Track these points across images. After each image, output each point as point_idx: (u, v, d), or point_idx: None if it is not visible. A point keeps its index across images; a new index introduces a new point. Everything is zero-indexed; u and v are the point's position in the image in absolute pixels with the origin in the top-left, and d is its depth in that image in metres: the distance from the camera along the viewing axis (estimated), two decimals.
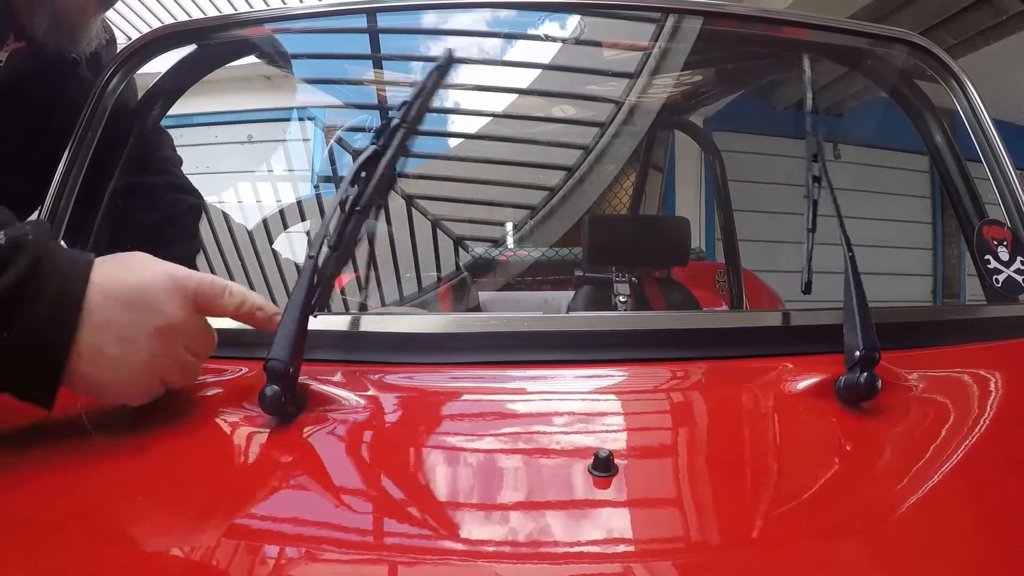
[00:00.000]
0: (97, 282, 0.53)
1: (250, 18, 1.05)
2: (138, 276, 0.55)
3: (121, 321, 0.53)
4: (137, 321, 0.54)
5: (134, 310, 0.54)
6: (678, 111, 1.83)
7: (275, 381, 0.54)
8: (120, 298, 0.53)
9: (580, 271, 1.56)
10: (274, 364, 0.54)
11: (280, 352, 0.55)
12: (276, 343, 0.55)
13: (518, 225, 2.00)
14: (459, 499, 0.49)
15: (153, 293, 0.55)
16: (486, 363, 0.66)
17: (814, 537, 0.46)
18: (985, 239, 0.87)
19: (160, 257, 0.59)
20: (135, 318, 0.54)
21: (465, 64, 1.50)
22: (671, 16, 1.23)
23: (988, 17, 3.32)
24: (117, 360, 0.54)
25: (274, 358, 0.54)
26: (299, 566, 0.43)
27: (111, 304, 0.53)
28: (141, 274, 0.55)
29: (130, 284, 0.54)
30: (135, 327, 0.54)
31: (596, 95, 1.75)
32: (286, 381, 0.55)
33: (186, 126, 2.02)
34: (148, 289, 0.54)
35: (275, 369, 0.54)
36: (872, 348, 0.58)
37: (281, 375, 0.54)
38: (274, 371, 0.54)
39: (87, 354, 0.52)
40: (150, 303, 0.54)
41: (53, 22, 0.81)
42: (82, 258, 0.55)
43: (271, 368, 0.54)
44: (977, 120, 0.92)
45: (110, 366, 0.54)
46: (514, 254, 1.99)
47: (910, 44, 0.97)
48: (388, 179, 0.69)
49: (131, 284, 0.54)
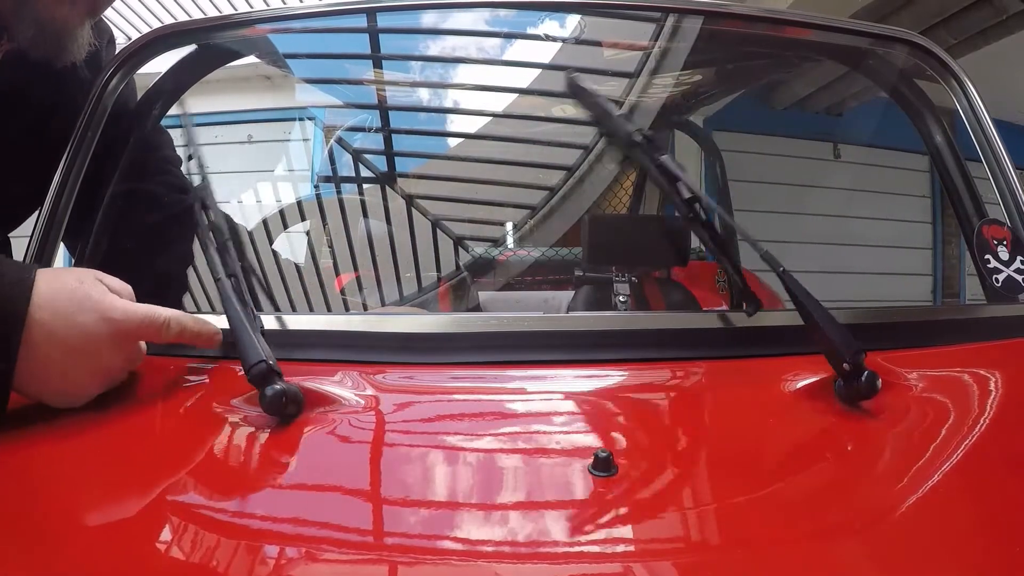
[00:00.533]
0: (43, 319, 0.56)
1: (250, 18, 1.05)
2: (82, 322, 0.57)
3: (60, 363, 0.57)
4: (77, 365, 0.58)
5: (74, 354, 0.57)
6: (678, 111, 1.83)
7: (266, 383, 0.55)
8: (61, 342, 0.57)
9: (580, 271, 1.56)
10: (259, 367, 0.55)
11: (254, 355, 0.55)
12: (243, 353, 0.57)
13: (518, 225, 2.00)
14: (459, 499, 0.49)
15: (95, 340, 0.58)
16: (486, 363, 0.66)
17: (814, 537, 0.46)
18: (985, 239, 0.87)
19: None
20: (74, 362, 0.58)
21: (465, 64, 1.50)
22: (671, 16, 1.23)
23: (988, 17, 3.32)
24: (57, 391, 0.58)
25: (254, 363, 0.55)
26: (299, 566, 0.43)
27: (52, 347, 0.56)
28: (86, 319, 0.58)
29: (73, 330, 0.57)
30: (75, 370, 0.58)
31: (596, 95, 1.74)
32: (276, 378, 0.55)
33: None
34: (90, 337, 0.58)
35: (261, 372, 0.55)
36: (856, 350, 0.58)
37: (268, 375, 0.55)
38: (260, 374, 0.55)
39: (31, 379, 0.57)
40: (93, 349, 0.58)
41: (38, 31, 0.80)
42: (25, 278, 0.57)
43: (256, 373, 0.55)
44: (977, 120, 0.92)
45: (52, 394, 0.59)
46: (514, 254, 1.99)
47: (910, 44, 0.97)
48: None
49: (74, 330, 0.57)
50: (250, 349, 0.57)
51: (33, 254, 0.81)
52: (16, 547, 0.44)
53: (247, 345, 0.57)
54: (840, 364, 0.58)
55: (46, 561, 0.43)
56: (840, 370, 0.58)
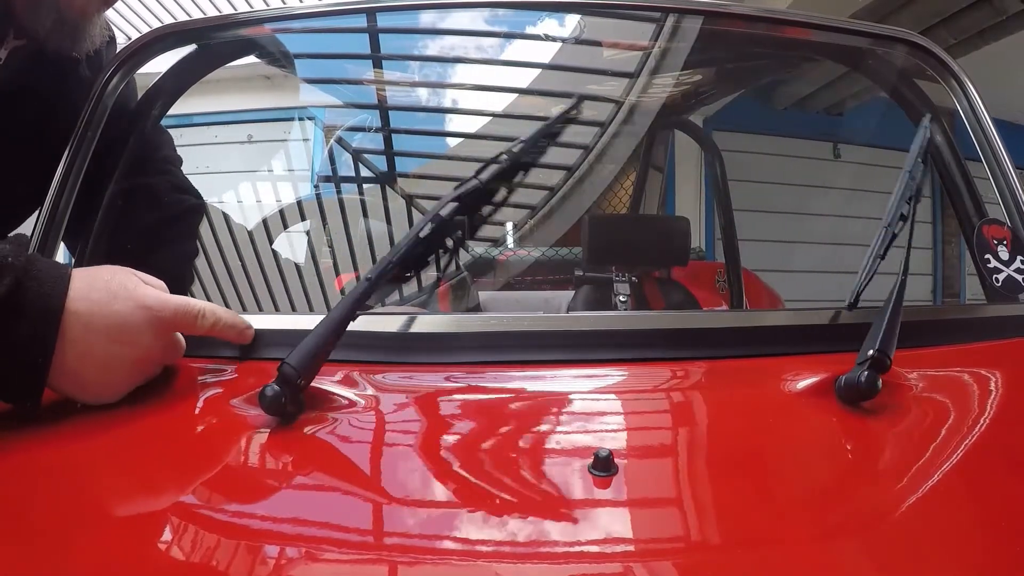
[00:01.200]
0: (79, 311, 0.56)
1: (250, 18, 1.05)
2: (118, 310, 0.58)
3: (101, 353, 0.57)
4: (118, 354, 0.58)
5: (114, 343, 0.58)
6: (678, 111, 1.83)
7: (281, 383, 0.54)
8: (100, 331, 0.57)
9: (580, 271, 1.56)
10: (287, 369, 0.55)
11: (297, 360, 0.55)
12: (298, 350, 0.56)
13: (518, 225, 2.00)
14: (459, 499, 0.49)
15: (134, 328, 0.58)
16: (486, 363, 0.66)
17: (814, 537, 0.46)
18: (985, 238, 0.87)
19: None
20: (115, 351, 0.58)
21: (465, 64, 1.50)
22: (671, 16, 1.23)
23: (988, 17, 3.32)
24: (95, 383, 0.58)
25: (289, 364, 0.55)
26: (299, 566, 0.43)
27: (92, 337, 0.57)
28: (122, 307, 0.58)
29: (110, 319, 0.57)
30: (115, 360, 0.58)
31: (596, 95, 1.74)
32: (291, 386, 0.55)
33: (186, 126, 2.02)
34: (128, 324, 0.58)
35: (286, 373, 0.55)
36: (885, 353, 0.58)
37: (289, 380, 0.55)
38: (284, 375, 0.55)
39: (69, 375, 0.57)
40: (131, 338, 0.58)
41: (57, 21, 0.81)
42: (61, 274, 0.58)
43: (284, 372, 0.55)
44: (977, 120, 0.92)
45: (88, 386, 0.58)
46: (514, 254, 1.99)
47: (910, 44, 0.97)
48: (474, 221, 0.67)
49: (111, 319, 0.57)
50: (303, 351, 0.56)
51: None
52: (17, 547, 0.44)
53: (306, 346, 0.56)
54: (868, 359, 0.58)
55: (46, 561, 0.43)
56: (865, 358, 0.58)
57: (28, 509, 0.49)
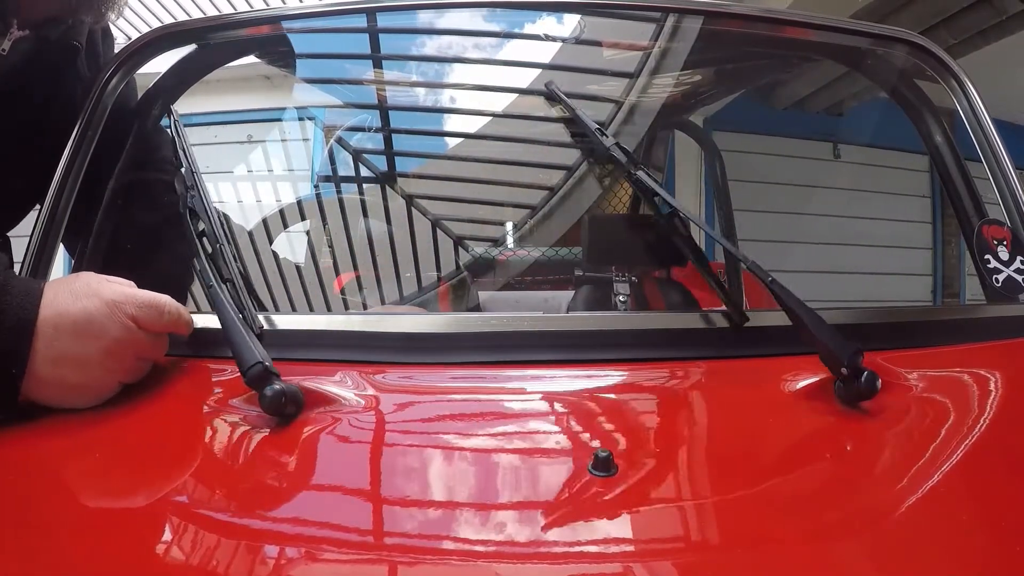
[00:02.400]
0: (47, 317, 0.59)
1: (250, 18, 1.05)
2: (83, 305, 0.60)
3: (73, 349, 0.59)
4: (88, 346, 0.59)
5: (83, 337, 0.59)
6: (678, 111, 1.83)
7: (264, 384, 0.55)
8: (68, 329, 0.59)
9: (580, 271, 1.56)
10: (255, 369, 0.55)
11: (250, 357, 0.55)
12: (238, 356, 0.57)
13: (518, 225, 2.00)
14: (459, 499, 0.49)
15: (98, 322, 0.60)
16: (486, 363, 0.66)
17: (814, 537, 0.46)
18: (985, 239, 0.87)
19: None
20: (86, 347, 0.59)
21: (465, 64, 1.50)
22: (671, 16, 1.23)
23: (988, 17, 3.32)
24: (77, 385, 0.60)
25: (250, 365, 0.55)
26: (299, 566, 0.43)
27: (62, 336, 0.59)
28: (86, 303, 0.60)
29: (76, 315, 0.59)
30: (87, 352, 0.59)
31: (596, 95, 1.74)
32: (274, 378, 0.55)
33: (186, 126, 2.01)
34: (93, 318, 0.60)
35: (257, 373, 0.55)
36: (853, 352, 0.57)
37: (264, 376, 0.55)
38: (257, 375, 0.55)
39: (47, 381, 0.59)
40: (97, 329, 0.60)
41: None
42: (33, 289, 0.60)
43: (253, 375, 0.55)
44: (977, 120, 0.92)
45: (71, 390, 0.60)
46: (514, 254, 1.99)
47: (910, 44, 0.97)
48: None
49: (77, 315, 0.59)
50: (245, 352, 0.57)
51: (33, 254, 0.81)
52: (16, 547, 0.44)
53: (242, 348, 0.58)
54: (838, 368, 0.58)
55: (45, 561, 0.43)
56: (839, 374, 0.58)
57: (27, 509, 0.49)
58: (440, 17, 1.33)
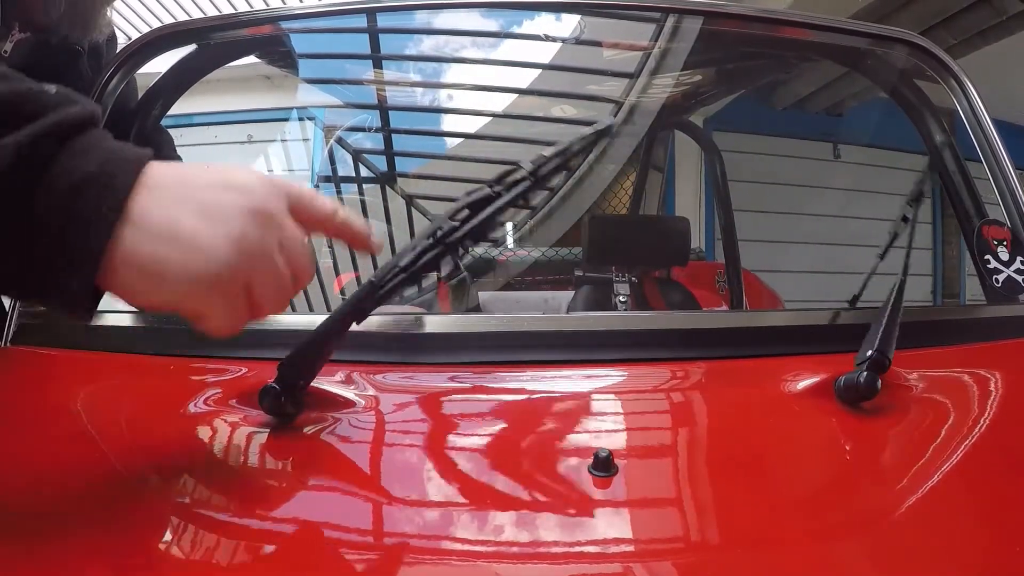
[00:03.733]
0: (167, 168, 0.42)
1: (250, 18, 1.05)
2: (222, 167, 0.44)
3: (204, 197, 0.41)
4: (226, 198, 0.42)
5: (221, 190, 0.42)
6: (678, 111, 1.83)
7: (280, 381, 0.54)
8: (201, 181, 0.42)
9: (580, 271, 1.56)
10: (286, 369, 0.54)
11: (296, 361, 0.55)
12: (298, 349, 0.55)
13: (518, 225, 2.00)
14: (459, 499, 0.49)
15: (244, 178, 0.44)
16: (486, 363, 0.66)
17: (814, 537, 0.46)
18: (985, 239, 0.87)
19: None
20: (222, 195, 0.42)
21: (465, 64, 1.50)
22: (671, 16, 1.23)
23: (988, 17, 3.31)
24: (196, 236, 0.40)
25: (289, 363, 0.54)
26: (298, 566, 0.43)
27: (188, 187, 0.42)
28: (225, 166, 0.45)
29: (213, 171, 0.43)
30: (223, 203, 0.42)
31: (596, 95, 1.75)
32: (291, 385, 0.55)
33: (186, 126, 2.02)
34: (238, 174, 0.44)
35: (285, 374, 0.54)
36: (884, 353, 0.58)
37: (288, 380, 0.54)
38: (283, 375, 0.54)
39: (156, 227, 0.40)
40: (241, 185, 0.43)
41: (69, 6, 0.82)
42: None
43: (282, 372, 0.54)
44: (977, 120, 0.92)
45: (186, 243, 0.40)
46: (514, 254, 1.99)
47: (910, 44, 0.97)
48: (488, 226, 0.61)
49: (214, 171, 0.43)
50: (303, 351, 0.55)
51: None
52: (14, 547, 0.44)
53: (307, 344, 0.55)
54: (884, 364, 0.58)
55: (45, 561, 0.43)
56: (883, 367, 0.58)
57: (26, 509, 0.49)
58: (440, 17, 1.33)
